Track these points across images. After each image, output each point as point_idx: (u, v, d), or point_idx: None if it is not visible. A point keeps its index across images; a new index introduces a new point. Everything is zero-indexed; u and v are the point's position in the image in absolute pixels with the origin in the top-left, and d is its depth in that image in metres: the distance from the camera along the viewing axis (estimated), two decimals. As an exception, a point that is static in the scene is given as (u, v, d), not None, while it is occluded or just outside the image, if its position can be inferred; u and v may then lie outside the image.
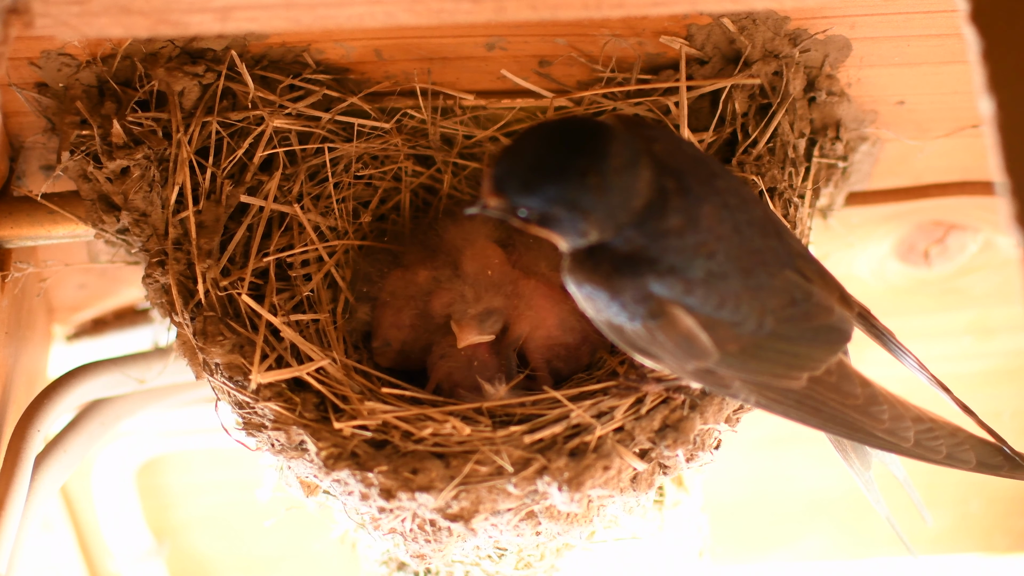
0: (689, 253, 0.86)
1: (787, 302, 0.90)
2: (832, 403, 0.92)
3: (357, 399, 1.00)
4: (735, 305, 0.88)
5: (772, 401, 0.91)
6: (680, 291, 0.87)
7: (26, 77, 1.06)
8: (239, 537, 1.73)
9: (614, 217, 0.85)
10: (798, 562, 1.80)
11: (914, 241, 1.35)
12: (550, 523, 1.00)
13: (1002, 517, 1.74)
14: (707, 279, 0.87)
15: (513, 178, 0.85)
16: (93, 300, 1.41)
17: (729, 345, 0.88)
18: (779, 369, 0.90)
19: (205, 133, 1.07)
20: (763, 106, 1.09)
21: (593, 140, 0.84)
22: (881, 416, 0.93)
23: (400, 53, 1.09)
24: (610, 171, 0.84)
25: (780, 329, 0.89)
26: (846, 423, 0.93)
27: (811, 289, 0.91)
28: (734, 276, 0.87)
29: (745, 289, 0.88)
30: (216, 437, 1.38)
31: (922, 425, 0.95)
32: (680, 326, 0.88)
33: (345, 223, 1.15)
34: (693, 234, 0.86)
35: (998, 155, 0.66)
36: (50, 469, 1.13)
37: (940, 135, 1.20)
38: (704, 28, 1.06)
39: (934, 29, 1.04)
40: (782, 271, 0.90)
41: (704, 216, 0.87)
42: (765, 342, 0.89)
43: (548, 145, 0.85)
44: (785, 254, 0.91)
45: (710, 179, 0.90)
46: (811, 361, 0.91)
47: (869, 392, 0.94)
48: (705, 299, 0.87)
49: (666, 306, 0.87)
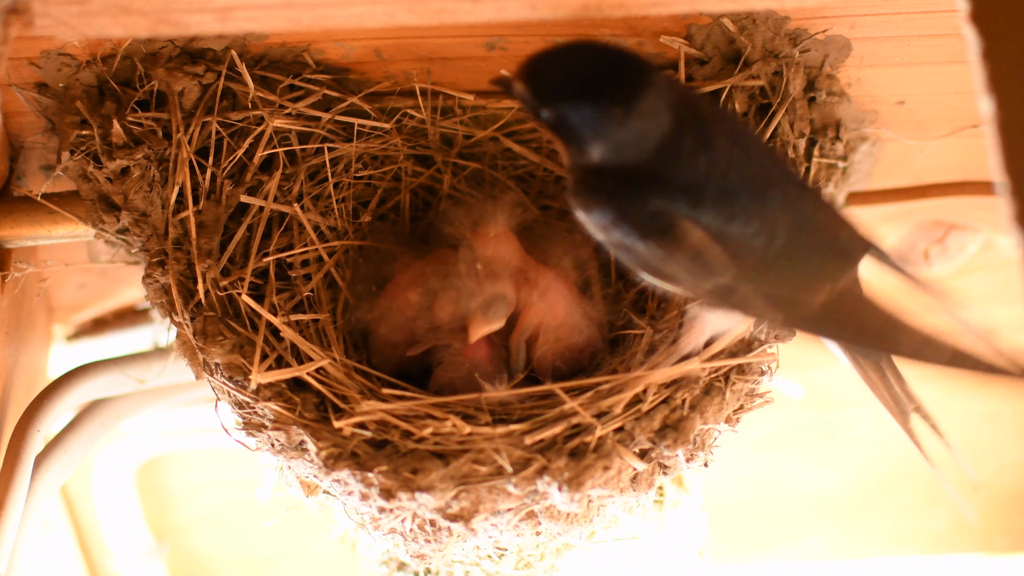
0: (701, 171, 0.87)
1: (797, 218, 0.91)
2: (859, 314, 0.92)
3: (357, 399, 1.00)
4: (746, 219, 0.88)
5: (798, 317, 0.92)
6: (688, 205, 0.87)
7: (26, 77, 1.06)
8: (239, 537, 1.73)
9: (623, 152, 0.86)
10: (798, 562, 1.80)
11: (914, 241, 1.35)
12: (550, 523, 1.00)
13: (1002, 517, 1.74)
14: (718, 195, 0.87)
15: (547, 77, 0.86)
16: (93, 300, 1.41)
17: (745, 258, 0.89)
18: (798, 281, 0.91)
19: (205, 133, 1.07)
20: (763, 106, 1.09)
21: (635, 78, 0.85)
22: (910, 327, 0.92)
23: (400, 53, 1.09)
24: (635, 113, 0.85)
25: (794, 243, 0.90)
26: (877, 334, 0.93)
27: (819, 206, 0.93)
28: (744, 193, 0.88)
29: (756, 205, 0.89)
30: (216, 437, 1.38)
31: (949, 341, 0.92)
32: (691, 239, 0.88)
33: (345, 223, 1.15)
34: (705, 154, 0.88)
35: (998, 155, 0.66)
36: (50, 469, 1.13)
37: (940, 135, 1.20)
38: (704, 28, 1.06)
39: (934, 29, 1.04)
40: (791, 189, 0.92)
41: (716, 139, 0.88)
42: (780, 255, 0.90)
43: (592, 63, 0.86)
44: (793, 181, 0.93)
45: (720, 116, 0.93)
46: (829, 272, 0.92)
47: (894, 307, 0.93)
48: (715, 213, 0.87)
49: (675, 219, 0.87)
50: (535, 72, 0.87)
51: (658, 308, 1.10)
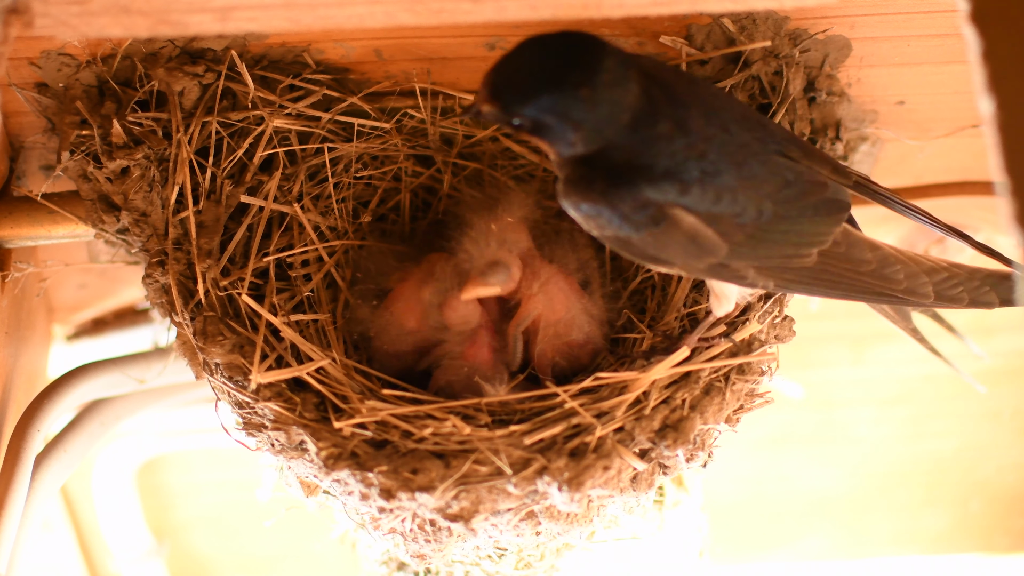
0: (680, 156, 0.89)
1: (781, 185, 0.93)
2: (847, 273, 0.95)
3: (357, 399, 1.00)
4: (732, 197, 0.90)
5: (789, 282, 0.94)
6: (676, 193, 0.89)
7: (26, 77, 1.06)
8: (239, 537, 1.73)
9: (602, 130, 0.87)
10: (798, 562, 1.80)
11: (914, 241, 1.35)
12: (550, 523, 1.00)
13: (1002, 517, 1.74)
14: (701, 178, 0.89)
15: (509, 86, 0.87)
16: (93, 300, 1.41)
17: (735, 236, 0.91)
18: (788, 249, 0.93)
19: (205, 133, 1.07)
20: (763, 106, 1.09)
21: (587, 54, 0.86)
22: (897, 276, 0.96)
23: (400, 53, 1.09)
24: (602, 85, 0.86)
25: (780, 211, 0.92)
26: (865, 289, 0.95)
27: (800, 168, 0.94)
28: (727, 171, 0.90)
29: (739, 180, 0.91)
30: (216, 437, 1.38)
31: (939, 276, 0.97)
32: (684, 226, 0.90)
33: (345, 223, 1.15)
34: (683, 137, 0.89)
35: (998, 155, 0.66)
36: (50, 469, 1.13)
37: (940, 135, 1.20)
38: (704, 28, 1.06)
39: (934, 29, 1.04)
40: (770, 158, 0.93)
41: (692, 119, 0.90)
42: (769, 226, 0.92)
43: (544, 56, 0.87)
44: (771, 141, 0.94)
45: (691, 86, 0.93)
46: (817, 236, 0.94)
47: (880, 255, 0.96)
48: (702, 197, 0.89)
49: (666, 209, 0.89)
50: (494, 86, 0.88)
51: (658, 309, 1.10)
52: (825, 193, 0.95)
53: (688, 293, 1.08)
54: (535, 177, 1.18)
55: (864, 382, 1.60)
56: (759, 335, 1.02)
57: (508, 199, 1.12)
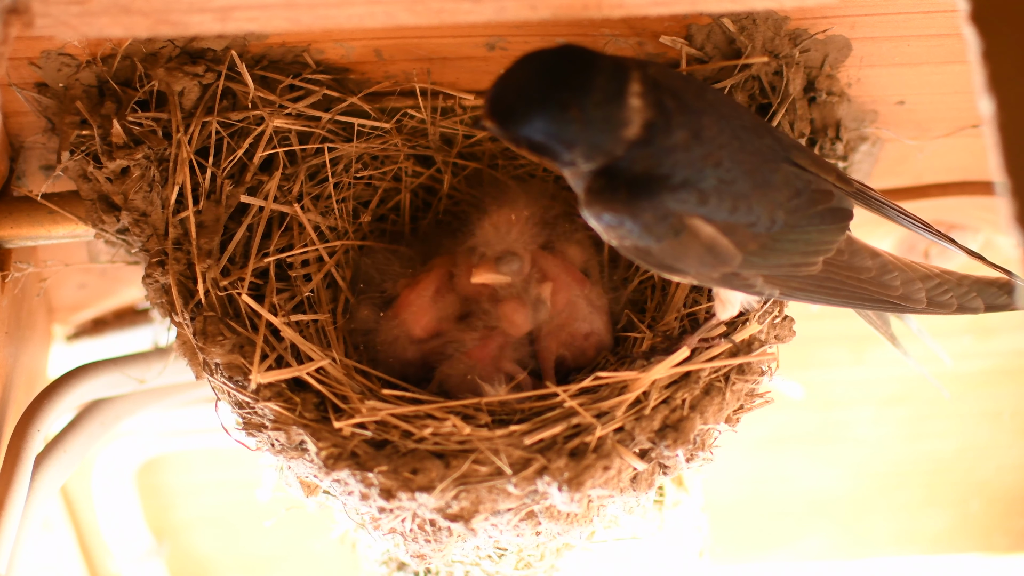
0: (698, 165, 0.89)
1: (791, 194, 0.94)
2: (850, 280, 0.97)
3: (357, 399, 1.00)
4: (747, 207, 0.91)
5: (794, 290, 0.96)
6: (695, 202, 0.90)
7: (26, 77, 1.06)
8: (239, 537, 1.73)
9: (601, 146, 0.87)
10: (798, 562, 1.80)
11: (914, 241, 1.35)
12: (550, 523, 1.00)
13: (1002, 517, 1.74)
14: (718, 187, 0.90)
15: (503, 106, 0.87)
16: (93, 300, 1.41)
17: (749, 245, 0.92)
18: (796, 258, 0.94)
19: (205, 133, 1.07)
20: (763, 106, 1.09)
21: (578, 73, 0.86)
22: (894, 283, 0.99)
23: (400, 53, 1.09)
24: (591, 105, 0.85)
25: (791, 220, 0.93)
26: (865, 296, 0.98)
27: (809, 177, 0.95)
28: (741, 180, 0.91)
29: (753, 190, 0.92)
30: (216, 437, 1.38)
31: (931, 282, 1.00)
32: (702, 236, 0.91)
33: (345, 223, 1.15)
34: (699, 146, 0.89)
35: (998, 155, 0.66)
36: (50, 469, 1.13)
37: (940, 135, 1.20)
38: (704, 28, 1.06)
39: (934, 29, 1.04)
40: (780, 166, 0.94)
41: (705, 127, 0.90)
42: (780, 235, 0.93)
43: (536, 76, 0.86)
44: (780, 149, 0.95)
45: (702, 93, 0.93)
46: (823, 244, 0.96)
47: (880, 262, 0.99)
48: (719, 206, 0.90)
49: (686, 219, 0.90)
50: (494, 104, 0.88)
51: (657, 309, 1.10)
52: (831, 202, 0.96)
53: (688, 293, 1.08)
54: (535, 177, 1.18)
55: (864, 382, 1.60)
56: (759, 335, 1.02)
57: (515, 197, 1.12)
